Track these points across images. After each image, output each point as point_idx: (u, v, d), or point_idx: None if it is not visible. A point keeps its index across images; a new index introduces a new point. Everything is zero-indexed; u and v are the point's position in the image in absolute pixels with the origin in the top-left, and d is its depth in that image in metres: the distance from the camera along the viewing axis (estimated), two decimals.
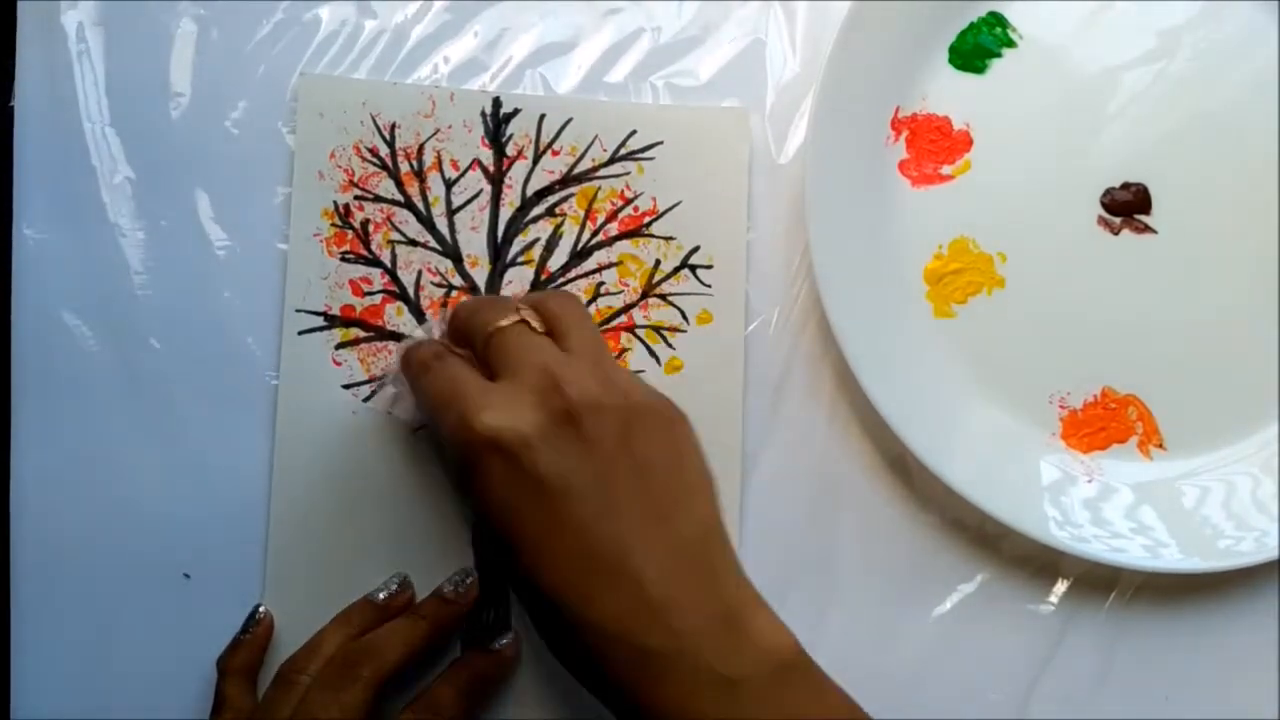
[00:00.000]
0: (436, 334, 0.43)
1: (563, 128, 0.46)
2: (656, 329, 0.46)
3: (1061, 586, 0.47)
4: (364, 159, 0.46)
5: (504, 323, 0.38)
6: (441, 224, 0.46)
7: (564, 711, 0.45)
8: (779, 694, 0.35)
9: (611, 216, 0.46)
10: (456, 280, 0.46)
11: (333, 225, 0.46)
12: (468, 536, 0.45)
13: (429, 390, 0.38)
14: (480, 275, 0.46)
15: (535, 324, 0.39)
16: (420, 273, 0.46)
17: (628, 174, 0.47)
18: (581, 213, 0.46)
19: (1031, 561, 0.47)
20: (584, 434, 0.36)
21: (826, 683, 0.37)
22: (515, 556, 0.36)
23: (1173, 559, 0.45)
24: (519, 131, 0.46)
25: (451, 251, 0.46)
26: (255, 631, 0.44)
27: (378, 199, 0.46)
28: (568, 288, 0.46)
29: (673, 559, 0.35)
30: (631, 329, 0.46)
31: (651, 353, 0.46)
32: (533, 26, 0.48)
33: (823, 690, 0.36)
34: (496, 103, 0.46)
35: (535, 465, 0.35)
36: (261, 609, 0.45)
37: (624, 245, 0.46)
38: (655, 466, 0.36)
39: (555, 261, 0.46)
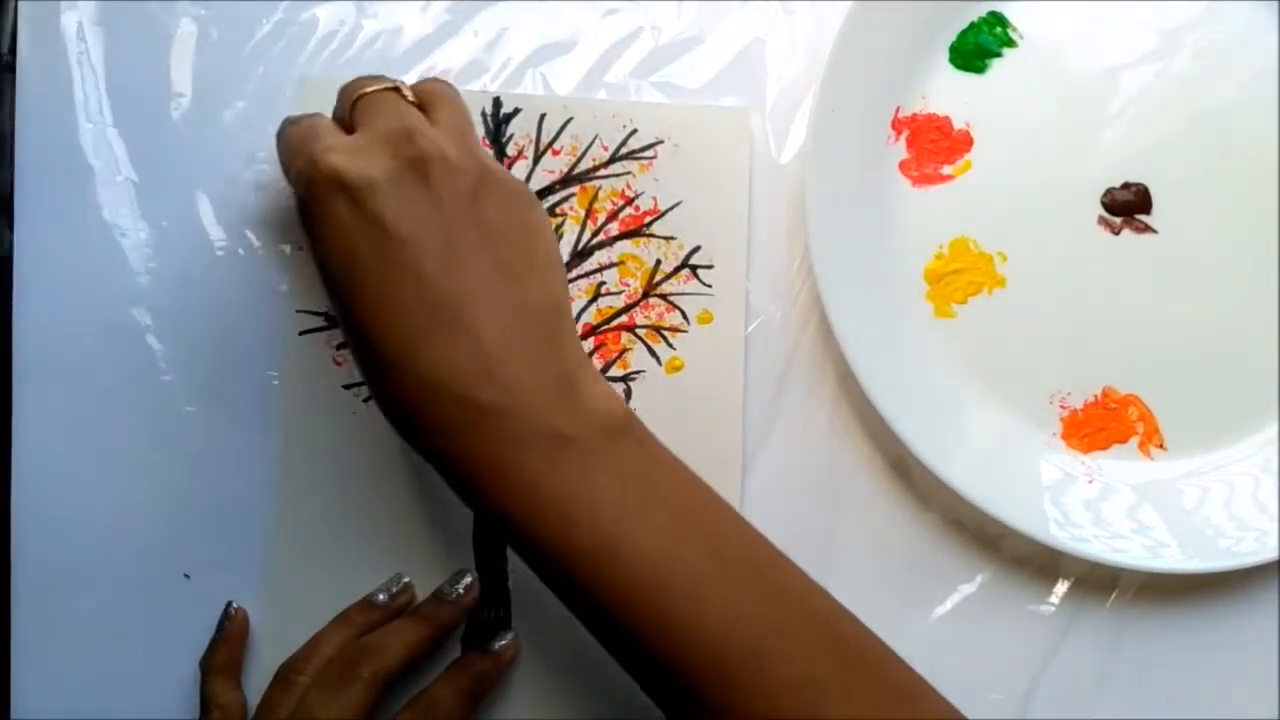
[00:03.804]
0: None
1: (563, 127, 0.46)
2: (657, 329, 0.46)
3: (1062, 587, 0.47)
4: None
5: (374, 87, 0.38)
6: None
7: (564, 711, 0.45)
8: (609, 452, 0.35)
9: (612, 216, 0.46)
10: None
11: None
12: (468, 536, 0.45)
13: (286, 138, 0.38)
14: None
15: (407, 94, 0.39)
16: None
17: (628, 174, 0.47)
18: (582, 212, 0.46)
19: (1032, 562, 0.47)
20: (433, 186, 0.35)
21: (658, 447, 0.37)
22: (349, 303, 0.35)
23: (1173, 559, 0.45)
24: (519, 131, 0.46)
25: None
26: (230, 628, 0.44)
27: None
28: (568, 287, 0.46)
29: (514, 321, 0.35)
30: (632, 329, 0.46)
31: (652, 352, 0.46)
32: (532, 26, 0.48)
33: (654, 452, 0.36)
34: (497, 102, 0.46)
35: (379, 207, 0.34)
36: (234, 606, 0.45)
37: (625, 245, 0.46)
38: (506, 235, 0.36)
39: None
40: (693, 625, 0.34)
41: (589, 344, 0.46)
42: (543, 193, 0.46)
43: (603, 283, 0.46)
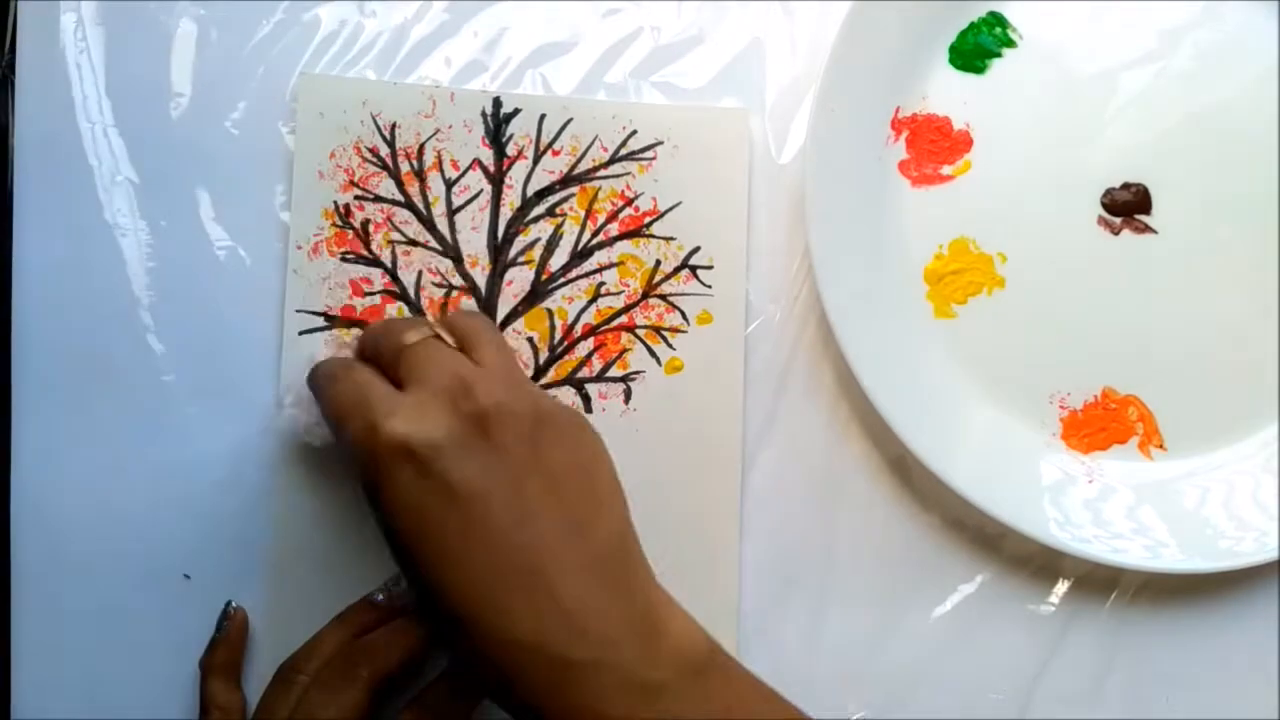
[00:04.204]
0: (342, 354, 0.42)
1: (563, 128, 0.46)
2: (657, 329, 0.46)
3: (1062, 587, 0.47)
4: (364, 159, 0.46)
5: (415, 337, 0.38)
6: (442, 224, 0.46)
7: None
8: (699, 693, 0.35)
9: (612, 217, 0.46)
10: (456, 280, 0.46)
11: (333, 225, 0.46)
12: None
13: (334, 399, 0.38)
14: (480, 275, 0.46)
15: (448, 339, 0.38)
16: (420, 273, 0.46)
17: (628, 174, 0.47)
18: (582, 213, 0.46)
19: (1032, 562, 0.47)
20: (495, 440, 0.35)
21: (744, 676, 0.36)
22: (423, 569, 0.35)
23: (1173, 559, 0.45)
24: (519, 131, 0.46)
25: (452, 252, 0.46)
26: (229, 628, 0.44)
27: (378, 199, 0.46)
28: (568, 288, 0.46)
29: (589, 569, 0.35)
30: (632, 329, 0.46)
31: (651, 353, 0.46)
32: (532, 26, 0.48)
33: (741, 684, 0.36)
34: (497, 103, 0.46)
35: (446, 472, 0.34)
36: (233, 605, 0.45)
37: (624, 245, 0.46)
38: (567, 476, 0.36)
39: (556, 261, 0.46)
40: None
41: (589, 344, 0.46)
42: (542, 193, 0.46)
43: (602, 283, 0.46)
